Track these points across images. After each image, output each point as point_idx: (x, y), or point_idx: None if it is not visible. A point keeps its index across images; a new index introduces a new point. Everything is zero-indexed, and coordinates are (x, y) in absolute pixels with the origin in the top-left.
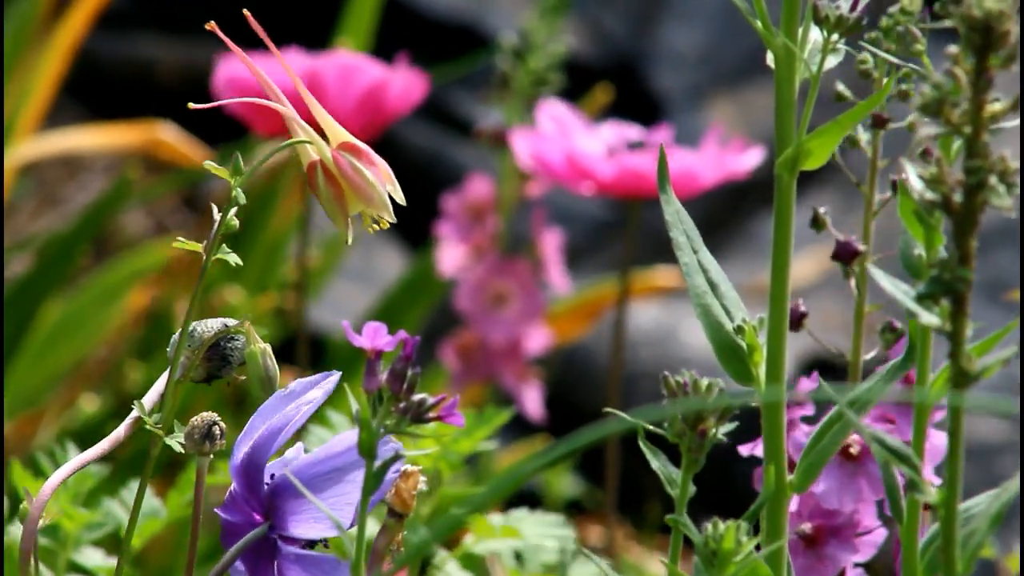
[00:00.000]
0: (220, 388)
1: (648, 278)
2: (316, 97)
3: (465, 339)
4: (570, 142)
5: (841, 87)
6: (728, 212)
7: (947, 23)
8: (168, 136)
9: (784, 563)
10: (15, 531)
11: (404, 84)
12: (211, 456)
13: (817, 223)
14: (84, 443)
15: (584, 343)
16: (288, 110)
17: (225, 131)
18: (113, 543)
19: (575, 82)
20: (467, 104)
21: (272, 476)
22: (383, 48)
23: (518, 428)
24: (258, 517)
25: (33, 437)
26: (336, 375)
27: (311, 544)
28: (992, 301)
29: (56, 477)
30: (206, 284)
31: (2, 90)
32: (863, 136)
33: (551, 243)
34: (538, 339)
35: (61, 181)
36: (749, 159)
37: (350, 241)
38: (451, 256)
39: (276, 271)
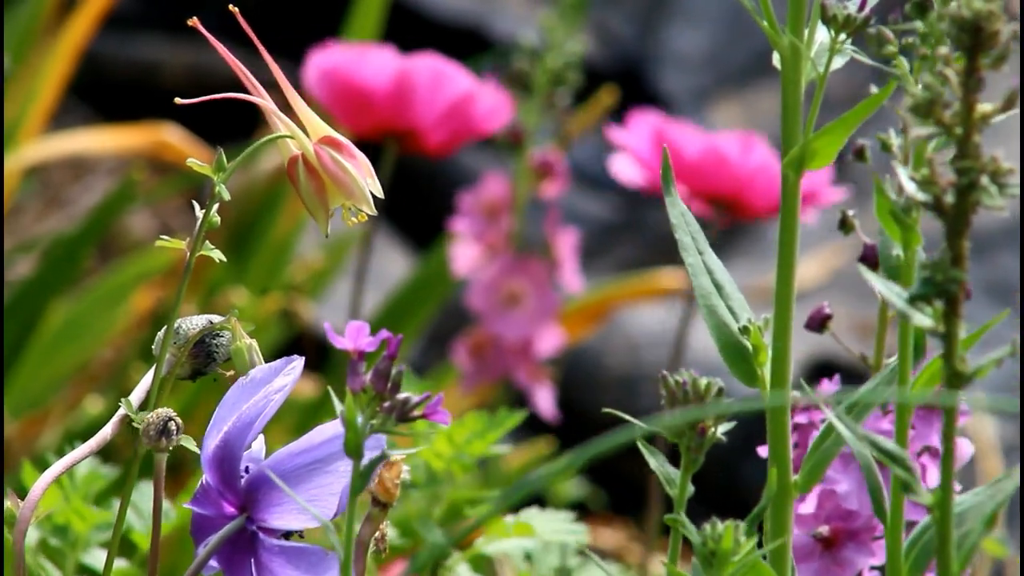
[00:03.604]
0: (225, 389)
1: (653, 280)
2: (405, 100)
3: (477, 338)
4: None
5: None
6: None
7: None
8: (174, 138)
9: (788, 564)
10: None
11: (492, 103)
12: (168, 452)
13: (845, 226)
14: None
15: (590, 344)
16: (268, 103)
17: (231, 132)
18: (123, 545)
19: (581, 84)
20: None
21: (246, 468)
22: None
23: (526, 428)
24: (231, 509)
25: (38, 438)
26: (300, 360)
27: (287, 536)
28: (994, 302)
29: (45, 478)
30: (212, 286)
31: (1, 91)
32: (895, 141)
33: (566, 243)
34: (551, 339)
35: (67, 183)
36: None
37: (327, 235)
38: (465, 255)
39: (282, 273)
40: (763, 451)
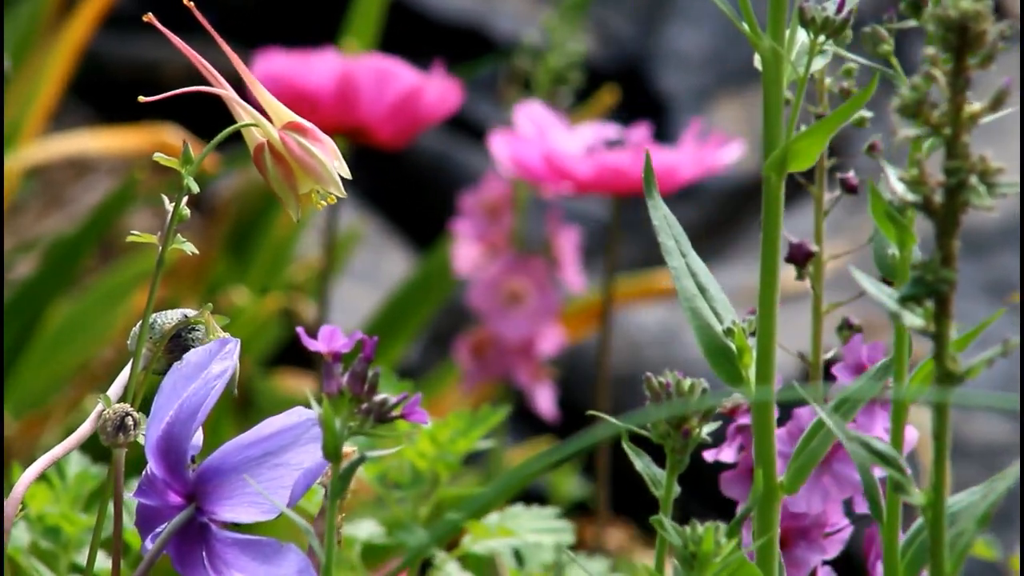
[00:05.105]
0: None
1: (653, 280)
2: (349, 100)
3: (479, 337)
4: (547, 142)
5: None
6: (733, 214)
7: (912, 23)
8: (175, 138)
9: (775, 565)
10: (17, 535)
11: (439, 92)
12: (126, 447)
13: None
14: (89, 444)
15: (590, 344)
16: (229, 93)
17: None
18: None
19: (582, 83)
20: (474, 106)
21: (192, 459)
22: (388, 50)
23: (529, 427)
24: (178, 499)
25: (39, 438)
26: (235, 341)
27: (236, 527)
28: (994, 302)
29: (26, 477)
30: (212, 285)
31: (1, 91)
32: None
33: (568, 242)
34: (552, 339)
35: (67, 182)
36: (728, 154)
37: (297, 220)
38: (467, 254)
39: (282, 272)
40: (709, 455)
